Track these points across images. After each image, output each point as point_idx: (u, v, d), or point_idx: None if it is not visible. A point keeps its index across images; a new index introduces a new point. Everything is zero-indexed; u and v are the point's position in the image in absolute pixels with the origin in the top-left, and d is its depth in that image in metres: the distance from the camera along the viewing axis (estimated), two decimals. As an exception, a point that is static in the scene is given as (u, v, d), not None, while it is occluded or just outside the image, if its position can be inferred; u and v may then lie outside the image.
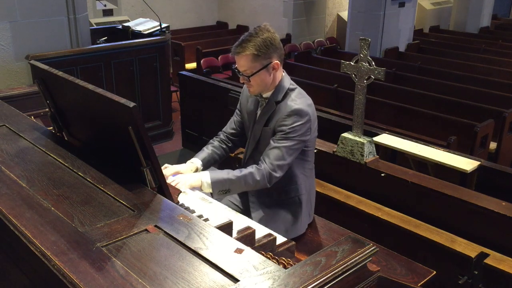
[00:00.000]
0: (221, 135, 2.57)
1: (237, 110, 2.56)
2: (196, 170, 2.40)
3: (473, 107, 5.28)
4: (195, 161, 2.43)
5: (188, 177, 2.19)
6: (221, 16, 10.06)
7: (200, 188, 2.21)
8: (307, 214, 2.47)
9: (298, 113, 2.20)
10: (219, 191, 2.19)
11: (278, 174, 2.22)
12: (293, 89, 2.29)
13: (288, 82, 2.31)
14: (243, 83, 2.33)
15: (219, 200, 2.42)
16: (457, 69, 7.16)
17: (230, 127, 2.57)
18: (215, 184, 2.17)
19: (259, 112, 2.36)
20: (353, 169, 3.38)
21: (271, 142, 2.25)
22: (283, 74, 2.32)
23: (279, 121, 2.24)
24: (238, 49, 2.19)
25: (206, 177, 2.18)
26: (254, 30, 2.21)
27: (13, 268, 1.75)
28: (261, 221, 2.36)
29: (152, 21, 5.70)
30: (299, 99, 2.26)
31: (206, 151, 2.49)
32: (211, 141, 2.56)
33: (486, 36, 9.91)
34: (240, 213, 2.33)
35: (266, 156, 2.23)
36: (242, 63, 2.21)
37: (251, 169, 2.21)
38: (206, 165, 2.45)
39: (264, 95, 2.32)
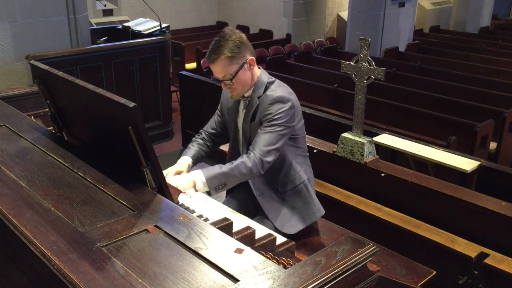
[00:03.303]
0: (203, 134, 2.60)
1: (217, 111, 2.59)
2: (188, 167, 2.41)
3: (473, 107, 5.28)
4: (186, 159, 2.44)
5: (179, 181, 2.15)
6: (221, 16, 10.06)
7: (194, 190, 2.18)
8: (315, 197, 2.53)
9: (280, 100, 2.25)
10: (215, 187, 2.17)
11: (269, 159, 2.23)
12: (272, 82, 2.34)
13: (266, 76, 2.36)
14: (225, 89, 2.35)
15: (226, 202, 2.42)
16: (457, 69, 7.17)
17: (210, 126, 2.60)
18: (210, 180, 2.15)
19: (243, 112, 2.39)
20: (353, 169, 3.38)
21: (258, 131, 2.28)
22: (260, 70, 2.38)
23: (264, 111, 2.27)
24: (213, 56, 2.21)
25: (199, 176, 2.16)
26: (220, 36, 2.24)
27: (13, 268, 1.75)
28: (274, 217, 2.40)
29: (152, 21, 5.70)
30: (279, 88, 2.31)
31: (193, 148, 2.51)
32: (194, 138, 2.58)
33: (486, 36, 9.91)
34: (245, 212, 2.33)
35: (255, 144, 2.25)
36: (220, 69, 2.23)
37: (241, 158, 2.22)
38: (195, 162, 2.48)
39: (246, 94, 2.35)
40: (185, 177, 2.18)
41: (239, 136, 2.46)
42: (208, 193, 2.20)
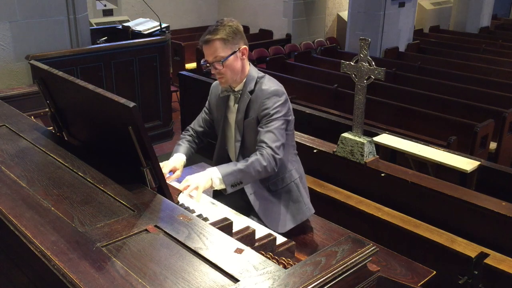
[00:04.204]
0: (191, 131, 2.62)
1: (205, 109, 2.61)
2: (183, 164, 2.44)
3: (473, 107, 5.28)
4: (180, 156, 2.46)
5: (198, 180, 2.14)
6: (221, 16, 10.05)
7: (210, 188, 2.18)
8: (306, 196, 2.54)
9: (275, 93, 2.28)
10: (231, 184, 2.17)
11: (280, 155, 2.25)
12: (262, 76, 2.37)
13: (255, 71, 2.38)
14: (214, 75, 2.36)
15: (219, 200, 2.42)
16: (457, 69, 7.16)
17: (198, 124, 2.62)
18: (226, 177, 2.15)
19: (235, 107, 2.39)
20: (353, 169, 3.38)
21: (260, 129, 2.28)
22: (250, 65, 2.40)
23: (261, 107, 2.28)
24: (208, 36, 2.24)
25: (215, 173, 2.16)
26: (218, 22, 2.28)
27: (13, 268, 1.75)
28: (265, 216, 2.40)
29: (152, 21, 5.70)
30: (271, 82, 2.33)
31: (183, 145, 2.53)
32: (182, 135, 2.60)
33: (486, 36, 9.91)
34: (239, 210, 2.33)
35: (262, 142, 2.25)
36: (212, 50, 2.25)
37: (255, 156, 2.22)
38: (187, 159, 2.49)
39: (236, 89, 2.37)
40: (203, 175, 2.17)
41: (231, 132, 2.46)
42: (224, 191, 2.20)
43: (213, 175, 2.15)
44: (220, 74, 2.29)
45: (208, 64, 2.29)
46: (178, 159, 2.42)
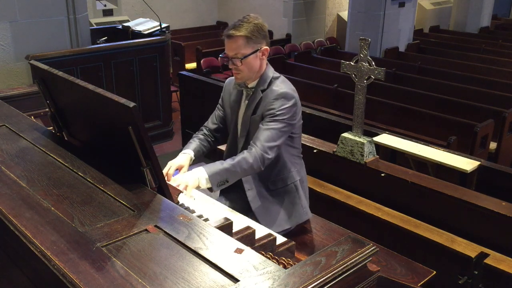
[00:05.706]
0: (204, 130, 2.61)
1: (219, 105, 2.61)
2: (190, 161, 2.43)
3: (473, 107, 5.28)
4: (188, 152, 2.45)
5: (186, 179, 2.16)
6: (221, 16, 10.06)
7: (197, 187, 2.19)
8: (305, 199, 2.53)
9: (284, 96, 2.28)
10: (218, 183, 2.18)
11: (270, 156, 2.25)
12: (277, 77, 2.37)
13: (271, 71, 2.38)
14: (231, 69, 2.36)
15: (219, 199, 2.42)
16: (457, 69, 7.17)
17: (212, 122, 2.61)
18: (212, 177, 2.16)
19: (245, 103, 2.41)
20: (353, 169, 3.38)
21: (260, 125, 2.29)
22: (267, 64, 2.40)
23: (267, 106, 2.29)
24: (232, 31, 2.24)
25: (202, 173, 2.17)
26: (245, 17, 2.28)
27: (13, 268, 1.75)
28: (261, 213, 2.40)
29: (152, 21, 5.70)
30: (283, 84, 2.34)
31: (194, 143, 2.52)
32: (195, 134, 2.59)
33: (486, 36, 9.91)
34: (239, 210, 2.33)
35: (256, 139, 2.26)
36: (234, 46, 2.25)
37: (242, 154, 2.23)
38: (196, 156, 2.48)
39: (250, 85, 2.37)
40: (191, 175, 2.18)
41: (238, 128, 2.46)
42: (210, 189, 2.21)
43: (200, 175, 2.16)
44: (237, 70, 2.30)
45: (227, 58, 2.29)
46: (184, 157, 2.41)
